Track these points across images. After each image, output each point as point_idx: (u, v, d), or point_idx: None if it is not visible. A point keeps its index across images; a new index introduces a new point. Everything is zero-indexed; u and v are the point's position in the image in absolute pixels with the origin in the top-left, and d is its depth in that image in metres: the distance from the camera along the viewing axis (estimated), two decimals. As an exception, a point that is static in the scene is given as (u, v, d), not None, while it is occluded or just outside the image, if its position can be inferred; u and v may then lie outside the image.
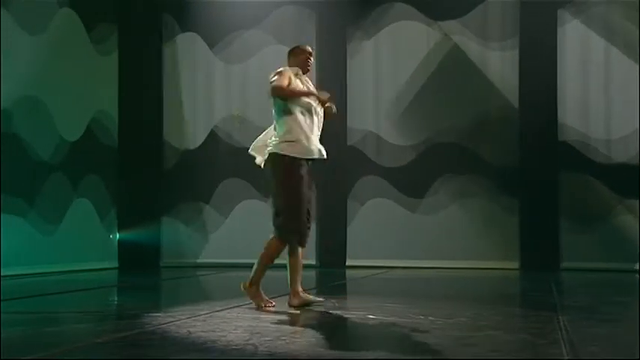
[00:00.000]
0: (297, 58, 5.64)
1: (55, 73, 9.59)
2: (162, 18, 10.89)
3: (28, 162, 9.21)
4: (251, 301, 5.31)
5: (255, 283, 5.30)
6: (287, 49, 10.46)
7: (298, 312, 5.12)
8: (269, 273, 5.33)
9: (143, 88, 10.82)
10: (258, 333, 4.04)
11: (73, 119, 9.97)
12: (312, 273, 9.30)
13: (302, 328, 4.52)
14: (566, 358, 3.30)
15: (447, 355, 3.36)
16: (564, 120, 9.75)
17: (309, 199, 5.34)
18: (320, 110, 5.49)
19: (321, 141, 11.01)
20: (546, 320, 4.70)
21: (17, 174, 9.01)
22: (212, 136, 10.71)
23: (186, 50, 10.88)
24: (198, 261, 10.50)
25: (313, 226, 10.38)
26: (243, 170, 10.10)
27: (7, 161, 8.87)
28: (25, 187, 9.15)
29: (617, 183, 9.47)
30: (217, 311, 5.03)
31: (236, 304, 5.40)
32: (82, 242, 9.94)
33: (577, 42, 9.77)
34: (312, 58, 5.67)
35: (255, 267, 5.31)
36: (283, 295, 5.51)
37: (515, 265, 9.68)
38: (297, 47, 5.76)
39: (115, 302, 6.69)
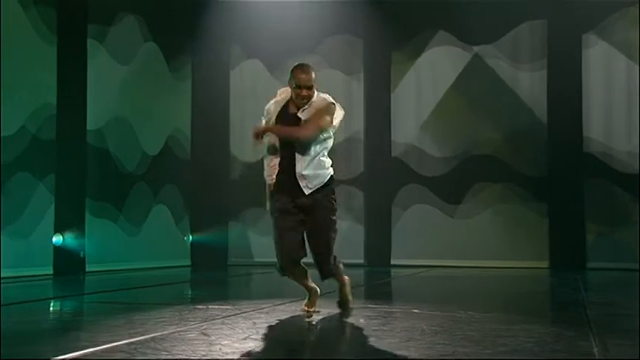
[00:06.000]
0: (290, 82, 4.35)
1: (139, 97, 9.78)
2: (230, 47, 11.02)
3: (116, 173, 9.40)
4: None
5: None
6: (338, 73, 10.70)
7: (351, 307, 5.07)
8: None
9: (213, 108, 10.94)
10: (314, 324, 4.03)
11: (154, 136, 10.14)
12: (360, 271, 9.26)
13: (353, 320, 4.49)
14: (596, 349, 3.22)
15: (486, 345, 3.30)
16: (589, 133, 9.58)
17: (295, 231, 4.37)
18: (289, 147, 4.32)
19: (367, 153, 11.05)
20: (575, 315, 4.59)
21: (108, 183, 9.23)
22: (272, 150, 10.74)
23: (250, 75, 10.98)
24: (260, 260, 10.53)
25: (361, 229, 10.61)
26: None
27: (100, 173, 9.09)
28: (114, 194, 9.35)
29: (635, 189, 9.27)
30: (278, 305, 5.03)
31: (294, 299, 5.39)
32: (160, 243, 10.05)
33: (600, 63, 9.60)
34: (305, 92, 4.27)
35: None
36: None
37: (545, 264, 9.51)
38: (295, 68, 4.36)
39: (189, 295, 6.75)
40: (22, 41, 8.09)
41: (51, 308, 5.53)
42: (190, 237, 10.80)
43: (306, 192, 4.28)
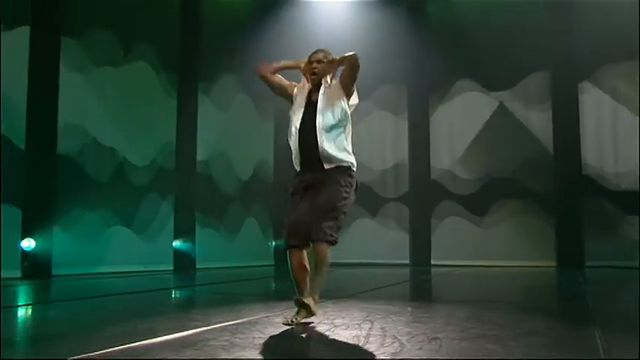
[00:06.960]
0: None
1: (234, 135, 10.02)
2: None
3: (218, 194, 9.65)
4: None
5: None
6: (387, 114, 10.78)
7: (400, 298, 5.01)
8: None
9: (290, 143, 11.06)
10: (373, 312, 4.04)
11: (246, 165, 10.35)
12: (407, 270, 9.18)
13: (405, 310, 4.45)
14: (597, 332, 3.12)
15: (509, 328, 3.25)
16: (586, 160, 9.34)
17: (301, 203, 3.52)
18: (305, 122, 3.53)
19: (411, 176, 11.03)
20: (579, 304, 4.45)
21: (212, 202, 9.48)
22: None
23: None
24: (332, 260, 10.54)
25: (407, 236, 10.55)
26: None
27: (206, 194, 9.35)
28: (217, 210, 9.58)
29: (623, 204, 8.97)
30: (343, 297, 5.04)
31: (356, 292, 5.40)
32: (250, 247, 10.16)
33: (593, 105, 9.40)
34: (315, 64, 3.58)
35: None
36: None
37: (553, 263, 9.25)
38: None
39: (274, 288, 6.82)
40: (154, 97, 8.60)
41: (172, 295, 5.70)
42: (273, 242, 10.92)
43: (326, 167, 3.42)
